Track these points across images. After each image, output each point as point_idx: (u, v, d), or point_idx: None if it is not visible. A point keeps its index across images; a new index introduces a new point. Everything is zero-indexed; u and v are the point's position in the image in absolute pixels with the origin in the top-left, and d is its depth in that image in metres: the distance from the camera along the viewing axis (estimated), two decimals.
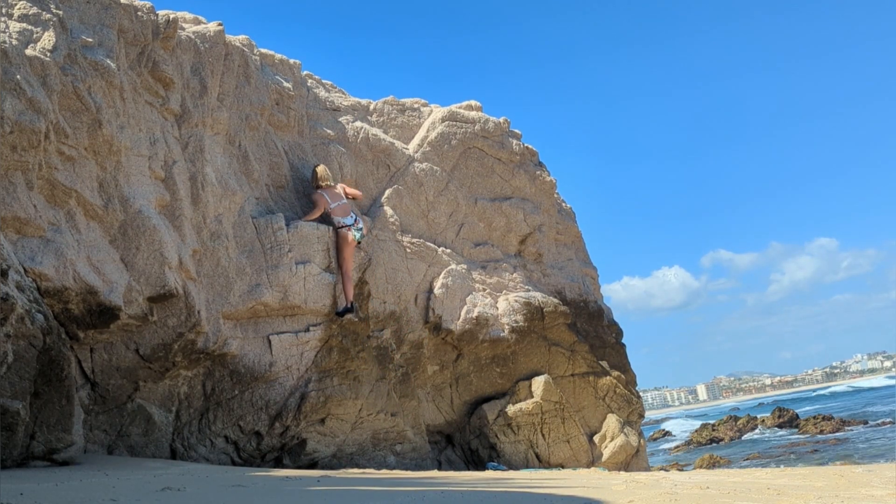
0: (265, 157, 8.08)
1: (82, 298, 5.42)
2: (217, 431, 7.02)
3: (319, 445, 7.70)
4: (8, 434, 4.29)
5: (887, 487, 5.07)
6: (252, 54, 8.17)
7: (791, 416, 35.72)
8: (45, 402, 4.62)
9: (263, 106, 8.09)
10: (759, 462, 22.97)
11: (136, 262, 5.94)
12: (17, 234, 5.03)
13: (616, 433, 11.00)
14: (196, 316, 6.35)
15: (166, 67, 6.70)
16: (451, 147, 10.31)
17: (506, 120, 10.99)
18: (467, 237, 10.39)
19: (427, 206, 9.95)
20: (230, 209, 7.26)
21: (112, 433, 6.40)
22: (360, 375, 8.06)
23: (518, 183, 11.00)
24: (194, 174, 6.87)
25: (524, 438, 10.16)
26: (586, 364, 11.10)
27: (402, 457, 8.70)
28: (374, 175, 9.54)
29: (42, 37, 5.35)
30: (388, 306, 8.94)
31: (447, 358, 9.92)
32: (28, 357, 4.39)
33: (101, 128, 5.72)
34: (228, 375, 7.04)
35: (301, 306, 7.45)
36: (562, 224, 12.04)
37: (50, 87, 5.26)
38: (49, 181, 5.29)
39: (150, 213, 6.09)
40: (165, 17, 6.80)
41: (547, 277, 11.26)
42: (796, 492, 4.85)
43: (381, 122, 10.09)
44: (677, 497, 4.42)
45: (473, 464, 10.13)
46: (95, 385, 6.15)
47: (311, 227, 7.80)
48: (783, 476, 6.51)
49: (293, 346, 7.43)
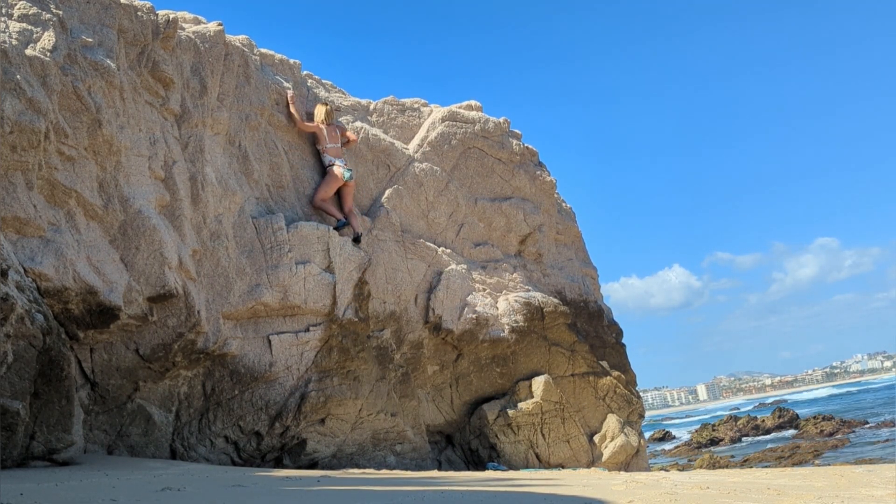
0: (265, 157, 8.09)
1: (82, 298, 5.42)
2: (217, 431, 7.02)
3: (319, 445, 7.70)
4: (8, 434, 4.29)
5: (887, 487, 5.07)
6: (252, 54, 8.17)
7: (791, 417, 35.71)
8: (45, 402, 4.62)
9: (263, 106, 8.09)
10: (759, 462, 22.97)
11: (136, 262, 5.94)
12: (17, 234, 5.03)
13: (616, 433, 11.00)
14: (196, 316, 6.36)
15: (166, 67, 6.70)
16: (451, 147, 10.31)
17: (506, 120, 10.98)
18: (467, 237, 10.39)
19: (427, 206, 9.95)
20: (230, 209, 7.26)
21: (112, 433, 6.40)
22: (360, 375, 8.06)
23: (518, 183, 11.00)
24: (194, 174, 6.87)
25: (524, 438, 10.16)
26: (586, 364, 11.10)
27: (402, 457, 8.70)
28: (374, 175, 9.54)
29: (42, 37, 5.35)
30: (388, 306, 8.94)
31: (447, 358, 9.91)
32: (28, 357, 4.39)
33: (101, 128, 5.72)
34: (228, 375, 7.04)
35: (301, 306, 7.45)
36: (562, 224, 12.04)
37: (50, 87, 5.26)
38: (49, 181, 5.29)
39: (150, 213, 6.09)
40: (165, 17, 6.80)
41: (547, 277, 11.26)
42: (796, 492, 4.85)
43: (381, 122, 10.09)
44: (677, 497, 4.42)
45: (473, 464, 10.13)
46: (95, 385, 6.15)
47: (311, 227, 7.80)
48: (783, 476, 6.51)
49: (293, 346, 7.43)
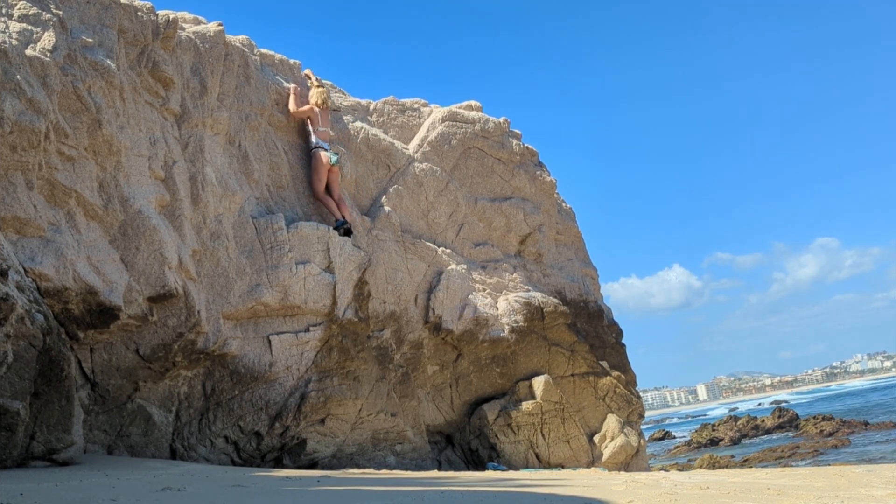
0: (265, 157, 8.09)
1: (82, 298, 5.42)
2: (217, 432, 7.02)
3: (319, 445, 7.70)
4: (8, 434, 4.29)
5: (887, 487, 5.07)
6: (252, 54, 8.17)
7: (791, 417, 35.70)
8: (45, 402, 4.62)
9: (263, 106, 8.09)
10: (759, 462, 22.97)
11: (136, 262, 5.94)
12: (17, 234, 5.03)
13: (616, 433, 11.00)
14: (196, 316, 6.35)
15: (166, 67, 6.70)
16: (451, 147, 10.31)
17: (506, 120, 10.99)
18: (467, 237, 10.39)
19: (427, 206, 9.95)
20: (230, 209, 7.26)
21: (112, 433, 6.40)
22: (360, 375, 8.06)
23: (518, 183, 11.00)
24: (194, 174, 6.87)
25: (524, 438, 10.16)
26: (586, 364, 11.10)
27: (402, 457, 8.69)
28: (374, 175, 9.54)
29: (42, 37, 5.35)
30: (388, 306, 8.94)
31: (447, 358, 9.91)
32: (28, 357, 4.39)
33: (101, 128, 5.72)
34: (228, 375, 7.04)
35: (301, 306, 7.45)
36: (562, 224, 12.04)
37: (50, 88, 5.26)
38: (49, 181, 5.29)
39: (150, 213, 6.09)
40: (165, 17, 6.80)
41: (547, 277, 11.26)
42: (796, 492, 4.85)
43: (381, 122, 10.09)
44: (677, 497, 4.42)
45: (473, 464, 10.13)
46: (95, 385, 6.15)
47: (311, 227, 7.80)
48: (783, 476, 6.51)
49: (293, 347, 7.43)
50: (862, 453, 22.30)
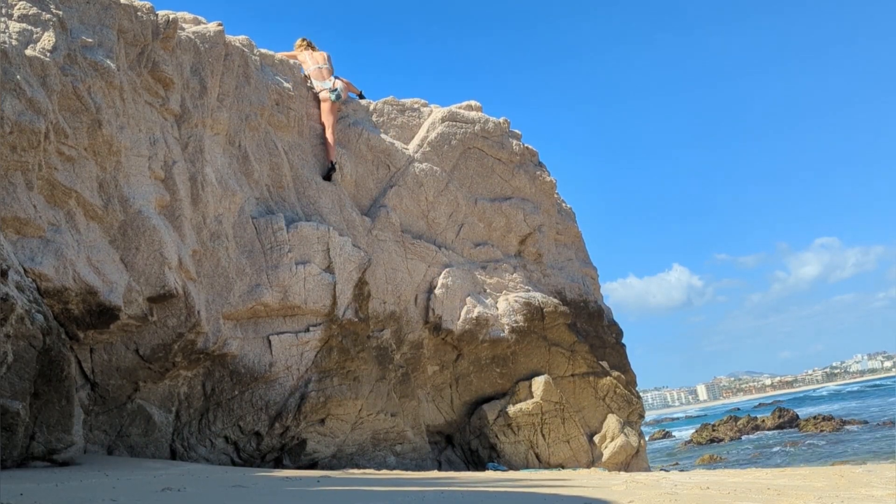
0: (265, 157, 8.08)
1: (82, 299, 5.42)
2: (217, 432, 7.02)
3: (319, 446, 7.70)
4: (8, 434, 4.29)
5: (887, 487, 5.07)
6: (252, 54, 8.17)
7: (791, 417, 35.67)
8: (45, 403, 4.62)
9: (263, 106, 8.09)
10: (760, 462, 22.97)
11: (136, 263, 5.94)
12: (17, 234, 5.03)
13: (616, 433, 11.00)
14: (196, 316, 6.35)
15: (166, 68, 6.70)
16: (451, 147, 10.31)
17: (506, 120, 10.98)
18: (467, 237, 10.38)
19: (427, 206, 9.94)
20: (230, 209, 7.26)
21: (112, 433, 6.40)
22: (360, 375, 8.06)
23: (518, 183, 11.00)
24: (194, 174, 6.87)
25: (524, 439, 10.16)
26: (586, 364, 11.09)
27: (402, 457, 8.69)
28: (374, 175, 9.54)
29: (42, 37, 5.35)
30: (388, 306, 8.93)
31: (447, 358, 9.91)
32: (28, 357, 4.39)
33: (100, 128, 5.72)
34: (228, 376, 7.04)
35: (301, 306, 7.45)
36: (562, 224, 12.04)
37: (50, 88, 5.26)
38: (49, 181, 5.29)
39: (149, 214, 6.08)
40: (165, 17, 6.80)
41: (547, 277, 11.25)
42: (796, 492, 4.85)
43: (381, 122, 10.09)
44: (677, 497, 4.42)
45: (473, 464, 10.13)
46: (95, 385, 6.15)
47: (311, 227, 7.81)
48: (783, 476, 6.51)
49: (293, 347, 7.43)
50: (862, 453, 22.30)
